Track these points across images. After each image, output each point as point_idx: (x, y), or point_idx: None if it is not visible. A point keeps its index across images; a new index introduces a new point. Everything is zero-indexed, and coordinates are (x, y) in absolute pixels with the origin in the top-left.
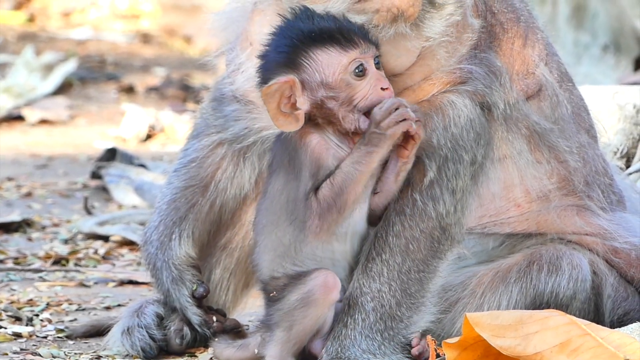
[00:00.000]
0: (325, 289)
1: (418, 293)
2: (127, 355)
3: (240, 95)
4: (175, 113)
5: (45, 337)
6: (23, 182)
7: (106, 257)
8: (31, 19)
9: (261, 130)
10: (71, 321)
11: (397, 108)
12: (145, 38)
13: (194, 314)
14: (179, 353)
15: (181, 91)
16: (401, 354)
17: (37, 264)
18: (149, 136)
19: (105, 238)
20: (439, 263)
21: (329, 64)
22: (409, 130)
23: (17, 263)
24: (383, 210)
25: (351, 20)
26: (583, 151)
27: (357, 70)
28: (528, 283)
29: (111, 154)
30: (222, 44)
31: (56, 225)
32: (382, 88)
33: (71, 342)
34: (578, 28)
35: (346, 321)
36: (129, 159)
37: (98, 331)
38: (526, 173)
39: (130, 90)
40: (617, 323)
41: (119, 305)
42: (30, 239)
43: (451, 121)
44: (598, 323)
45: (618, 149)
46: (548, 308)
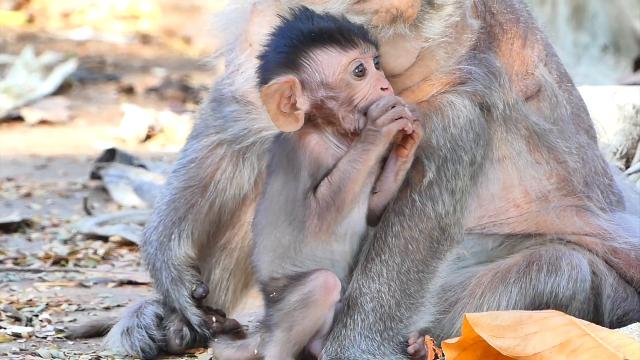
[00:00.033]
0: (325, 290)
1: (417, 293)
2: (127, 355)
3: (239, 95)
4: (174, 114)
5: (44, 338)
6: (22, 183)
7: (106, 258)
8: (31, 20)
9: (260, 130)
10: (71, 321)
11: (394, 106)
12: (144, 39)
13: (194, 315)
14: (179, 353)
15: (181, 92)
16: (400, 354)
17: (37, 265)
18: (149, 137)
19: (104, 238)
20: (438, 263)
21: (329, 64)
22: (405, 128)
23: (17, 263)
24: (382, 210)
25: (350, 20)
26: (582, 152)
27: (357, 70)
28: (527, 283)
29: (111, 155)
30: (222, 45)
31: (56, 225)
32: (382, 88)
33: (71, 343)
34: (577, 29)
35: (345, 321)
36: (129, 160)
37: (97, 331)
38: (525, 173)
39: (129, 90)
40: (617, 323)
41: (119, 305)
42: (29, 240)
43: (450, 122)
44: (597, 323)
45: (617, 150)
46: (547, 308)
